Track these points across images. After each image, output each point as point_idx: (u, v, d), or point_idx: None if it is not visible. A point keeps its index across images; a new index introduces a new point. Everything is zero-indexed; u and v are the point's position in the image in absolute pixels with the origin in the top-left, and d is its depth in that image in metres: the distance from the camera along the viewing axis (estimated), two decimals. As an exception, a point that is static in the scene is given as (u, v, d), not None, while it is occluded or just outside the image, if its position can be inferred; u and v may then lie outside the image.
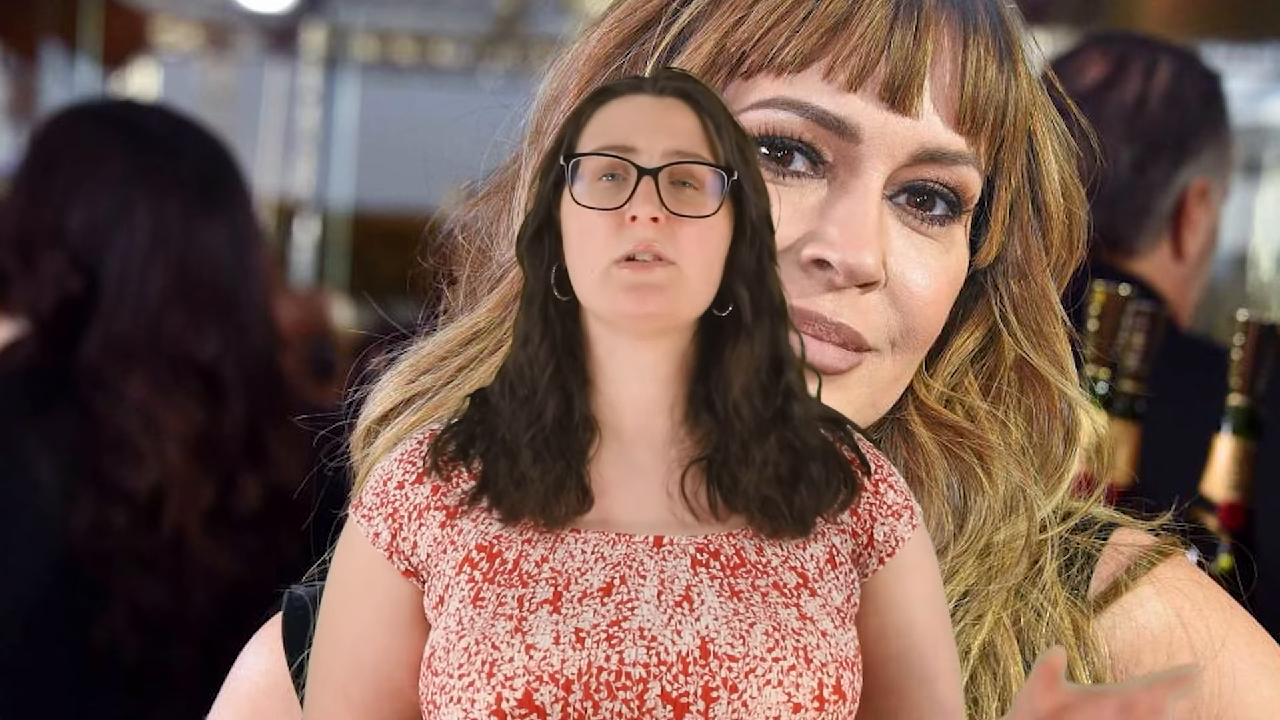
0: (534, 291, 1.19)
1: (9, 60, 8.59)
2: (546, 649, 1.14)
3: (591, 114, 1.18)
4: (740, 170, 1.17)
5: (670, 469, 1.20)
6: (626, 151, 1.16)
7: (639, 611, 1.15)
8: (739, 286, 1.18)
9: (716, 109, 1.18)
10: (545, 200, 1.19)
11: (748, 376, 1.18)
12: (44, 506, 2.85)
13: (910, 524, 1.23)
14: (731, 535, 1.19)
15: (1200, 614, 1.51)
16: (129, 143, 2.99)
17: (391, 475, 1.23)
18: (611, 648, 1.14)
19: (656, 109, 1.17)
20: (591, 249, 1.16)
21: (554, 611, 1.15)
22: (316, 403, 2.90)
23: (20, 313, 2.95)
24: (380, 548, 1.22)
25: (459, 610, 1.17)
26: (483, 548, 1.19)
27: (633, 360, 1.19)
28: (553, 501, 1.18)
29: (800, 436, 1.18)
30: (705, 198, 1.16)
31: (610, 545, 1.18)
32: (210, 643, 2.90)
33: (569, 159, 1.17)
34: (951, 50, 1.45)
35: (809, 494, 1.18)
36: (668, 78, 1.19)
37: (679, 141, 1.16)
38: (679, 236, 1.15)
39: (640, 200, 1.15)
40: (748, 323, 1.18)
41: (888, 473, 1.24)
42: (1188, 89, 2.87)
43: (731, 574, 1.18)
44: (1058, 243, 1.54)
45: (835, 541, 1.21)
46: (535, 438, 1.18)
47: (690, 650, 1.14)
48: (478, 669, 1.14)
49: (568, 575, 1.17)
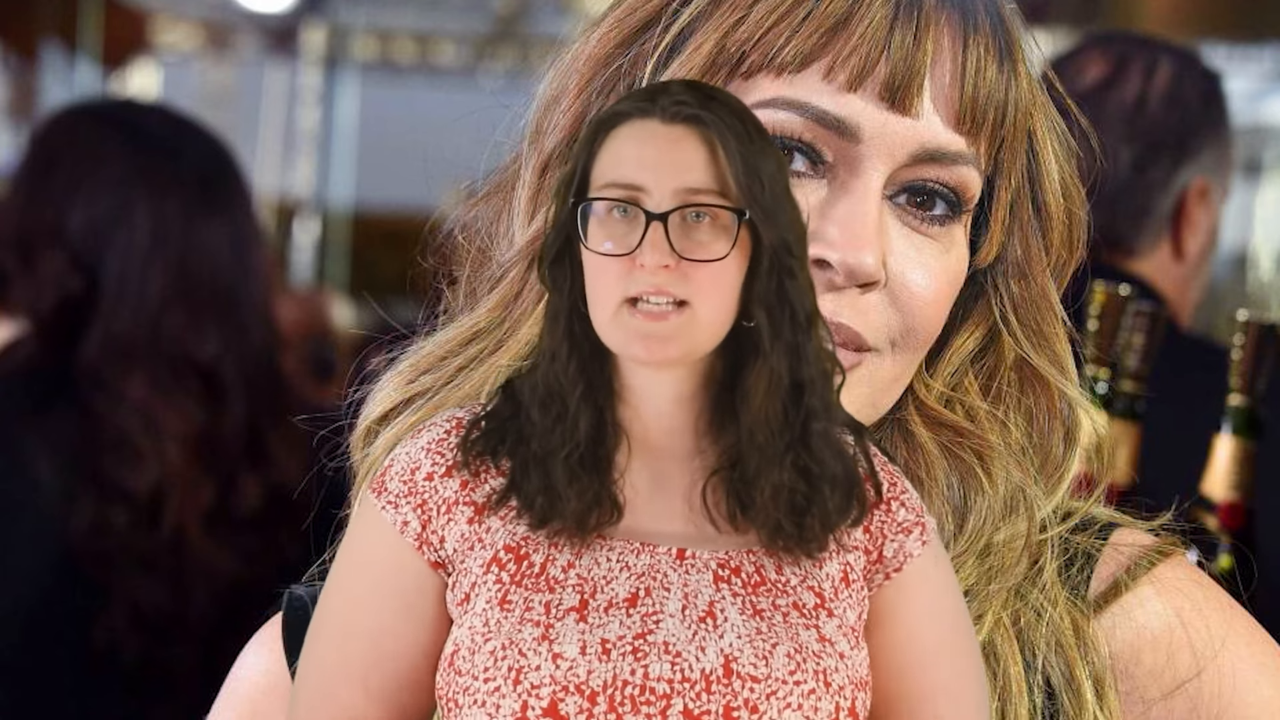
0: (558, 309, 1.18)
1: (9, 60, 8.59)
2: (573, 659, 1.14)
3: (602, 142, 1.16)
4: (755, 199, 1.15)
5: (694, 480, 1.20)
6: (634, 191, 1.14)
7: (664, 625, 1.15)
8: (758, 312, 1.17)
9: (727, 133, 1.15)
10: (564, 225, 1.18)
11: (766, 400, 1.17)
12: (44, 506, 2.85)
13: (920, 540, 1.22)
14: (751, 552, 1.19)
15: (1200, 614, 1.51)
16: (129, 143, 2.99)
17: (420, 465, 1.22)
18: (637, 661, 1.14)
19: (666, 141, 1.15)
20: (603, 289, 1.15)
21: (581, 620, 1.15)
22: (316, 403, 2.90)
23: (20, 313, 2.95)
24: (410, 537, 1.21)
25: (485, 611, 1.17)
26: (510, 549, 1.19)
27: (652, 385, 1.19)
28: (586, 517, 1.18)
29: (817, 460, 1.18)
30: (718, 234, 1.15)
31: (635, 555, 1.18)
32: (210, 643, 2.90)
33: (580, 198, 1.16)
34: (951, 50, 1.45)
35: (820, 518, 1.18)
36: (680, 98, 1.16)
37: (688, 178, 1.14)
38: (691, 276, 1.14)
39: (649, 248, 1.14)
40: (766, 349, 1.17)
41: (901, 490, 1.23)
42: (1188, 89, 2.87)
43: (753, 592, 1.18)
44: (1058, 243, 1.54)
45: (850, 559, 1.21)
46: (570, 456, 1.17)
47: (714, 668, 1.14)
48: (504, 675, 1.14)
49: (594, 583, 1.17)
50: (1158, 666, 1.49)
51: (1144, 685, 1.49)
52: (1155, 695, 1.49)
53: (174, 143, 3.03)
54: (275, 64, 10.41)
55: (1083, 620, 1.49)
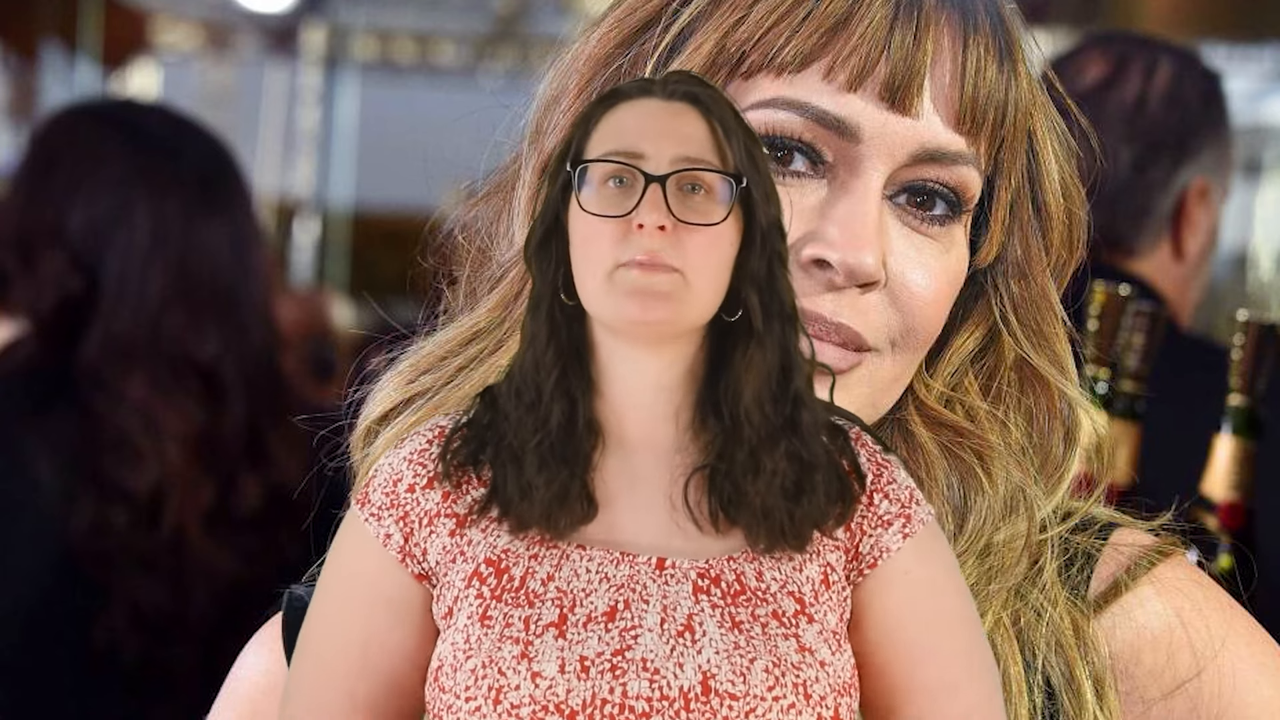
0: (541, 295, 1.19)
1: (9, 60, 8.59)
2: (552, 678, 1.14)
3: (600, 117, 1.17)
4: (750, 176, 1.16)
5: (674, 477, 1.19)
6: (634, 157, 1.15)
7: (642, 640, 1.15)
8: (750, 292, 1.17)
9: (726, 113, 1.17)
10: (553, 205, 1.18)
11: (759, 383, 1.17)
12: (44, 506, 2.85)
13: (901, 532, 1.21)
14: (732, 559, 1.18)
15: (1200, 614, 1.51)
16: (129, 143, 2.99)
17: (401, 477, 1.22)
18: (615, 679, 1.14)
19: (665, 114, 1.16)
20: (596, 254, 1.15)
21: (559, 636, 1.15)
22: (316, 403, 2.90)
23: (20, 313, 2.95)
24: (393, 550, 1.22)
25: (467, 627, 1.17)
26: (491, 562, 1.19)
27: (637, 367, 1.19)
28: (556, 511, 1.17)
29: (807, 446, 1.18)
30: (714, 204, 1.15)
31: (614, 565, 1.18)
32: (210, 643, 2.90)
33: (576, 165, 1.16)
34: (951, 50, 1.45)
35: (810, 507, 1.17)
36: (677, 81, 1.18)
37: (688, 147, 1.15)
38: (686, 244, 1.14)
39: (647, 208, 1.14)
40: (759, 329, 1.17)
41: (886, 481, 1.22)
42: (1188, 89, 2.87)
43: (732, 602, 1.17)
44: (1058, 243, 1.54)
45: (830, 559, 1.20)
46: (541, 443, 1.17)
47: (692, 686, 1.14)
48: (484, 694, 1.15)
49: (573, 596, 1.17)
50: (1158, 666, 1.49)
51: (1144, 685, 1.49)
52: (1155, 695, 1.49)
53: (174, 143, 3.03)
54: (275, 64, 10.41)
55: (1083, 620, 1.49)
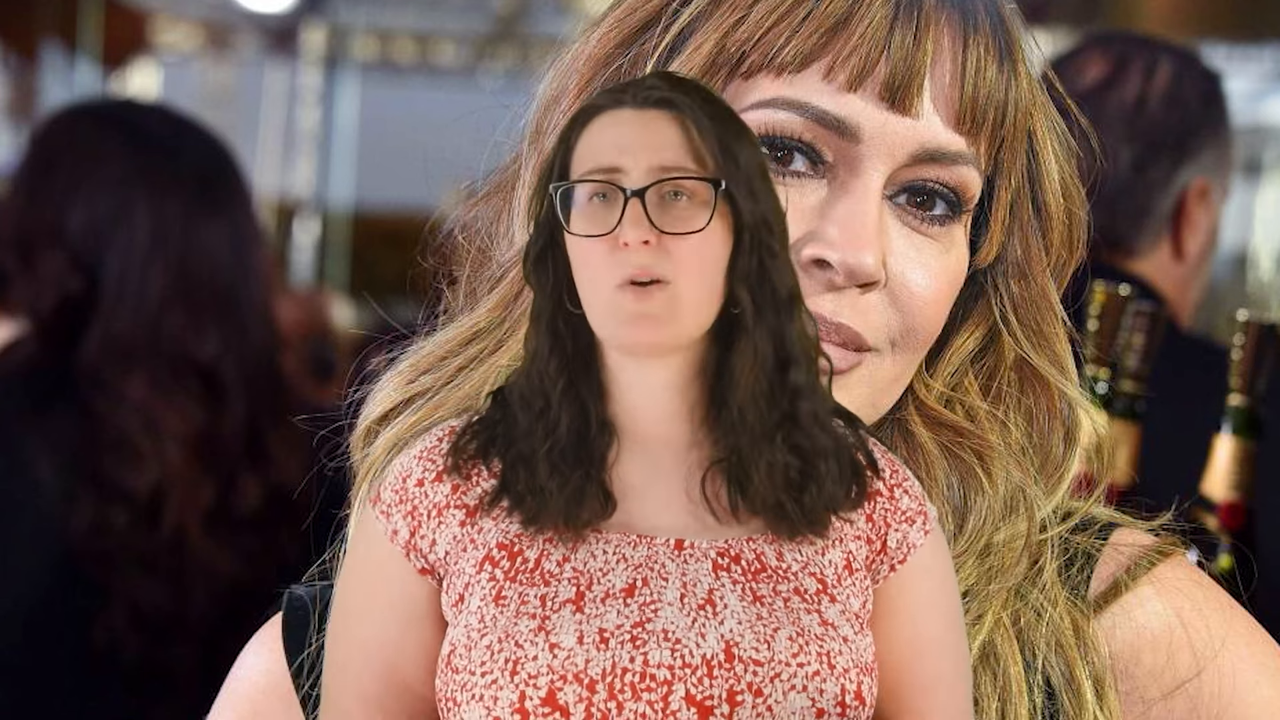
0: (541, 309, 1.19)
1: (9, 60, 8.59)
2: (570, 648, 1.14)
3: (578, 136, 1.17)
4: (729, 175, 1.16)
5: (691, 471, 1.20)
6: (612, 172, 1.15)
7: (662, 613, 1.15)
8: (740, 289, 1.17)
9: (700, 114, 1.16)
10: (546, 225, 1.18)
11: (752, 380, 1.17)
12: (44, 506, 2.85)
13: (923, 529, 1.23)
14: (751, 540, 1.19)
15: (1200, 614, 1.51)
16: (129, 143, 2.99)
17: (411, 472, 1.23)
18: (636, 649, 1.14)
19: (639, 124, 1.16)
20: (592, 275, 1.16)
21: (577, 611, 1.15)
22: (316, 403, 2.90)
23: (20, 313, 2.95)
24: (398, 545, 1.22)
25: (481, 608, 1.17)
26: (504, 546, 1.19)
27: (643, 373, 1.19)
28: (574, 508, 1.18)
29: (809, 435, 1.18)
30: (696, 209, 1.15)
31: (632, 547, 1.18)
32: (210, 643, 2.90)
33: (559, 189, 1.16)
34: (951, 50, 1.45)
35: (819, 493, 1.18)
36: (650, 86, 1.17)
37: (663, 155, 1.15)
38: (674, 253, 1.15)
39: (629, 224, 1.14)
40: (749, 326, 1.17)
41: (903, 477, 1.24)
42: (1188, 89, 2.87)
43: (753, 579, 1.18)
44: (1058, 243, 1.54)
45: (852, 548, 1.21)
46: (551, 450, 1.18)
47: (715, 653, 1.14)
48: (500, 667, 1.14)
49: (590, 575, 1.17)
50: (1158, 666, 1.49)
51: (1144, 685, 1.49)
52: (1155, 695, 1.49)
53: (174, 143, 3.03)
54: (275, 64, 10.42)
55: (1083, 620, 1.49)
